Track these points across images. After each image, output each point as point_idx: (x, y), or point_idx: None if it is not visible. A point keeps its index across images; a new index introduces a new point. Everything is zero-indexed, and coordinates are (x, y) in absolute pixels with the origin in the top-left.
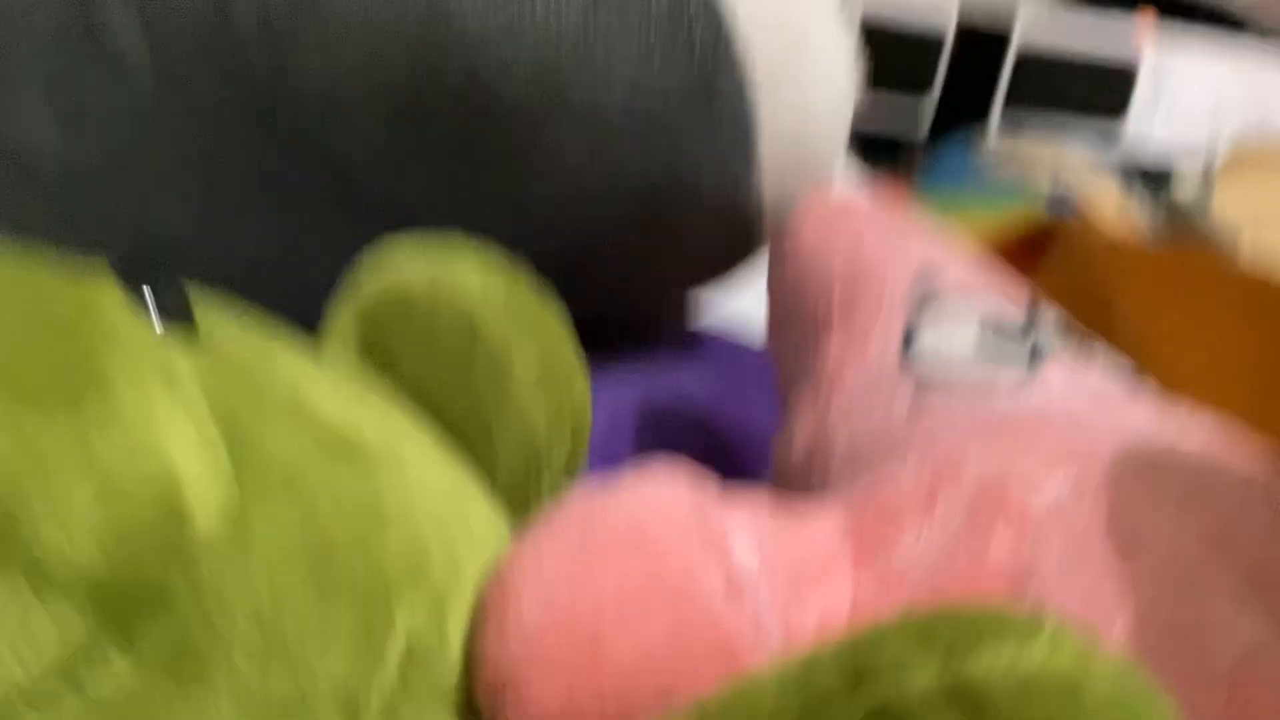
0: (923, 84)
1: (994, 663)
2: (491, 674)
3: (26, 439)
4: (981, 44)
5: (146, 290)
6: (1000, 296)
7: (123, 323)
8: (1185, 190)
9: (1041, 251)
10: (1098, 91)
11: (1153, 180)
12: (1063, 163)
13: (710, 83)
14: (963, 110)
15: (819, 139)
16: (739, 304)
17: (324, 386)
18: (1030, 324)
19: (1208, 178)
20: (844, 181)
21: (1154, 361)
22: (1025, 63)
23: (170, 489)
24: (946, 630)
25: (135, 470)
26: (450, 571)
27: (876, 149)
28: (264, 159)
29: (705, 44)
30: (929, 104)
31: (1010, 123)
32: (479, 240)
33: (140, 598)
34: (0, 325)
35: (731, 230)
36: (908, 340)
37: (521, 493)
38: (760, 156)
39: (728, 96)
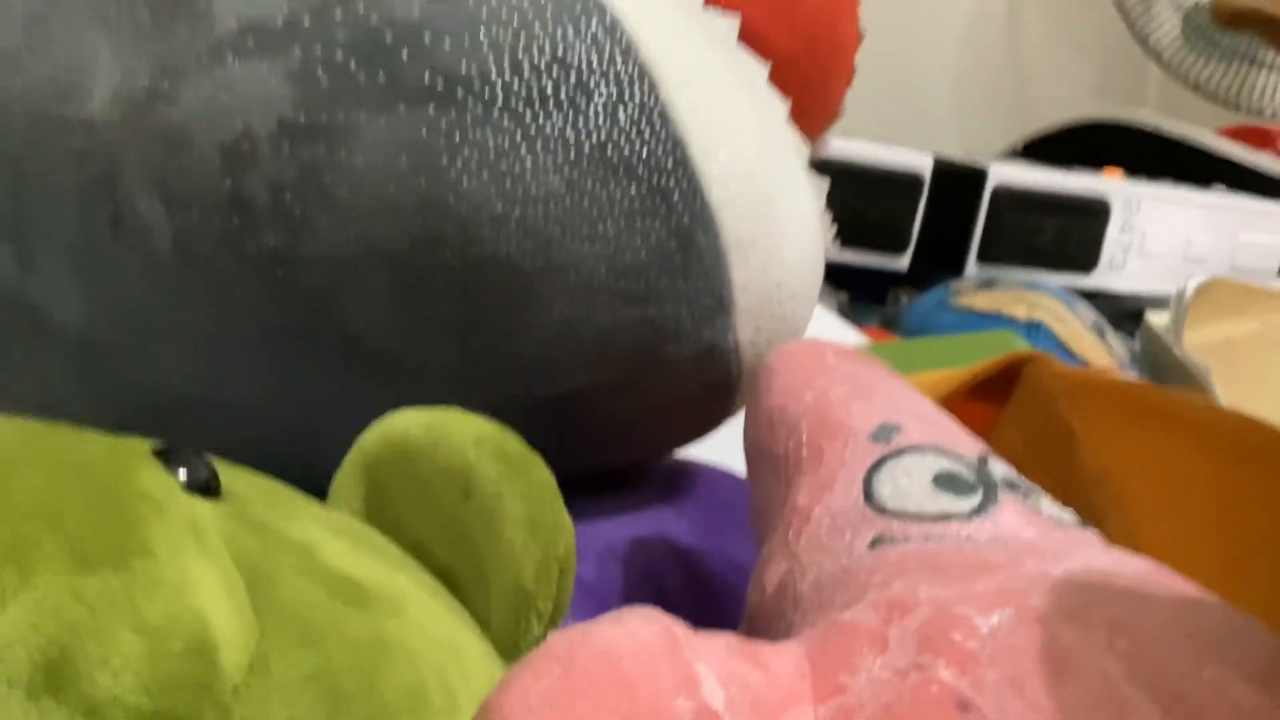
0: (904, 225)
1: None
2: None
3: (83, 597)
4: (958, 185)
5: (176, 461)
6: (953, 446)
7: (159, 490)
8: (1158, 326)
9: (1011, 385)
10: (1071, 233)
11: (1126, 320)
12: (1037, 303)
13: (687, 240)
14: (940, 263)
15: (792, 294)
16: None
17: (333, 538)
18: (980, 473)
19: (1178, 316)
20: (827, 324)
21: (1115, 492)
22: (1001, 199)
23: (203, 637)
24: None
25: (174, 623)
26: (447, 707)
27: (864, 288)
28: (272, 323)
29: (682, 203)
30: (908, 253)
31: (986, 275)
32: (473, 400)
33: None
34: (55, 494)
35: (711, 384)
36: (868, 486)
37: (512, 633)
38: (736, 312)
39: (703, 253)
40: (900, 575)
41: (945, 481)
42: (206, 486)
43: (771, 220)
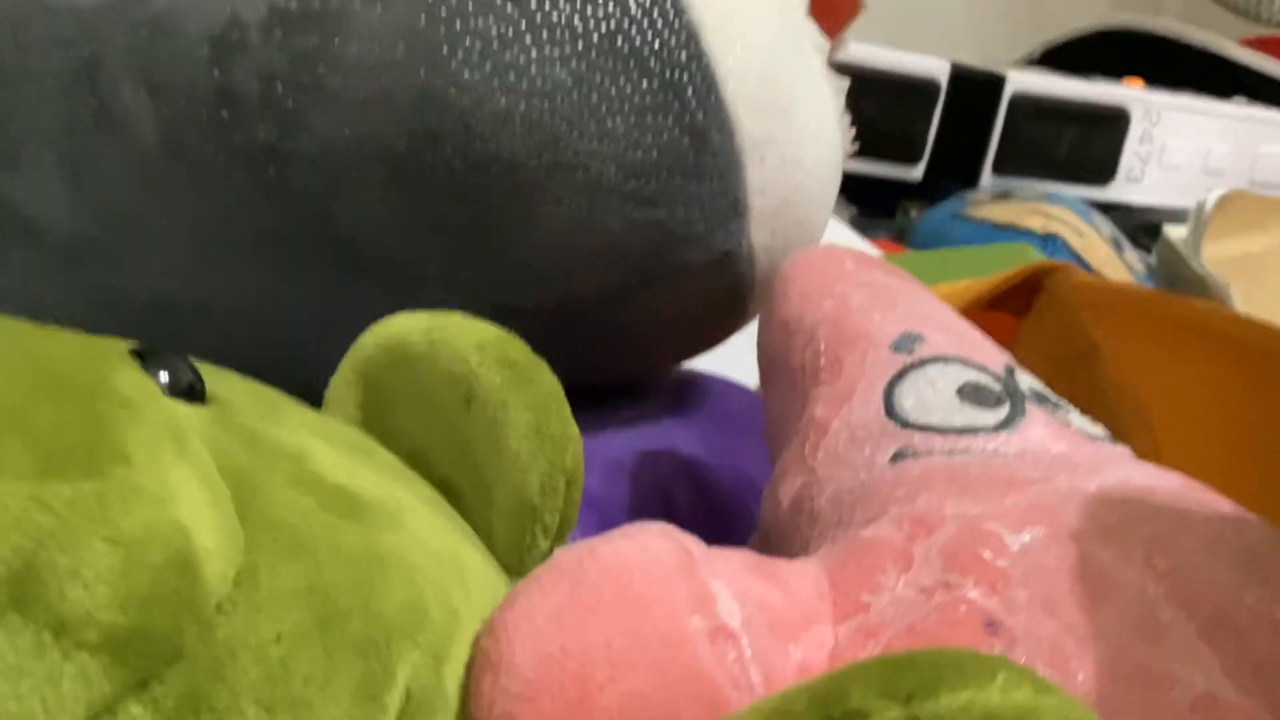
0: (918, 133)
1: (951, 704)
2: None
3: (52, 507)
4: (975, 93)
5: (156, 362)
6: (978, 357)
7: (138, 395)
8: (1176, 240)
9: (1031, 297)
10: (1090, 142)
11: (1143, 234)
12: (1053, 215)
13: (700, 137)
14: (955, 174)
15: (808, 198)
16: (733, 359)
17: (326, 447)
18: (1007, 385)
19: (1197, 230)
20: (838, 236)
21: (1139, 405)
22: (1018, 108)
23: (183, 549)
24: (909, 677)
25: (152, 533)
26: (448, 623)
27: (873, 201)
28: (264, 223)
29: (696, 99)
30: (922, 162)
31: (1001, 187)
32: (475, 307)
33: (157, 651)
34: (19, 394)
35: (724, 291)
36: (889, 398)
37: (517, 547)
38: (750, 214)
39: (718, 153)
40: (924, 490)
41: (971, 393)
42: (190, 390)
43: (790, 118)
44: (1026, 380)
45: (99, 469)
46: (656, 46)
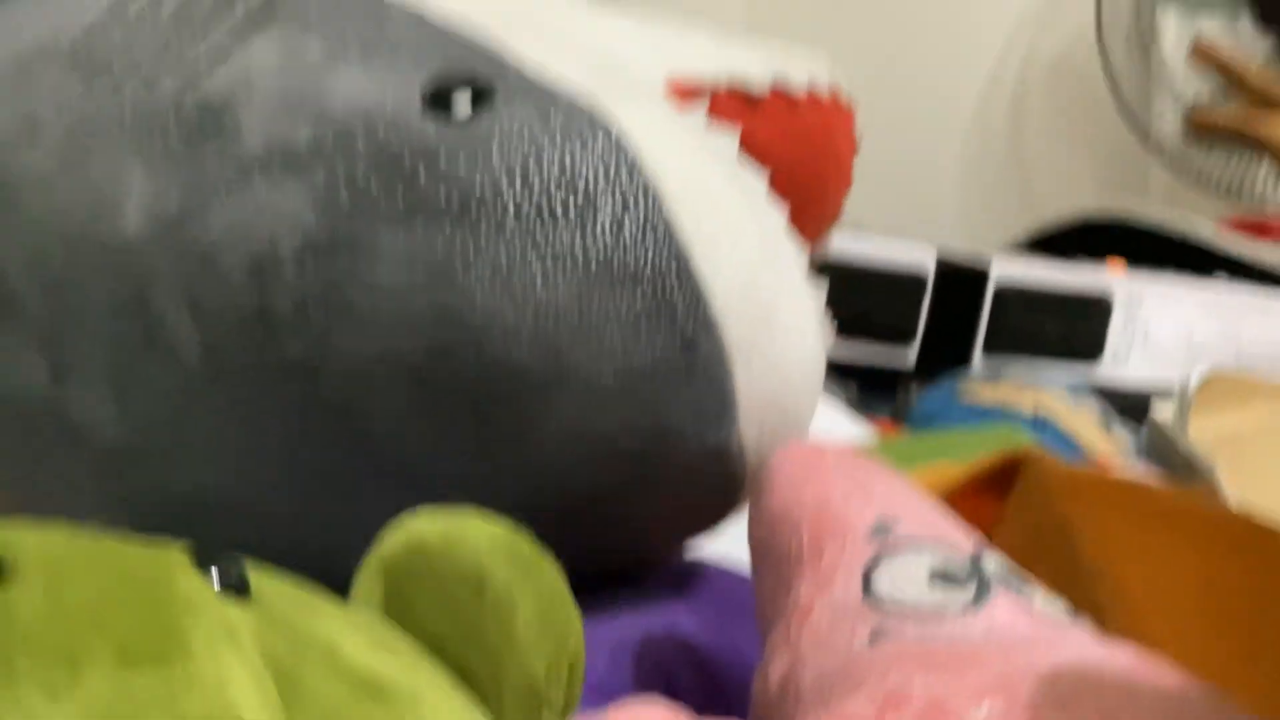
0: (909, 320)
1: None
2: None
3: (130, 694)
4: (961, 283)
5: (210, 563)
6: (949, 541)
7: (195, 593)
8: (1163, 418)
9: (1013, 479)
10: (1075, 328)
11: (1133, 412)
12: (1043, 396)
13: (691, 346)
14: (946, 356)
15: (794, 396)
16: (727, 545)
17: (355, 636)
18: (975, 567)
19: (1182, 409)
20: (834, 419)
21: (1114, 588)
22: (1004, 294)
23: None
24: None
25: (211, 717)
26: None
27: (875, 380)
28: (297, 433)
29: (686, 311)
30: (914, 348)
31: (992, 368)
32: (488, 503)
33: None
34: (102, 598)
35: (716, 484)
36: (867, 581)
37: None
38: (739, 415)
39: (707, 359)
40: (896, 668)
41: (941, 576)
42: (238, 587)
43: (772, 325)
44: (993, 563)
45: (168, 661)
46: (649, 266)
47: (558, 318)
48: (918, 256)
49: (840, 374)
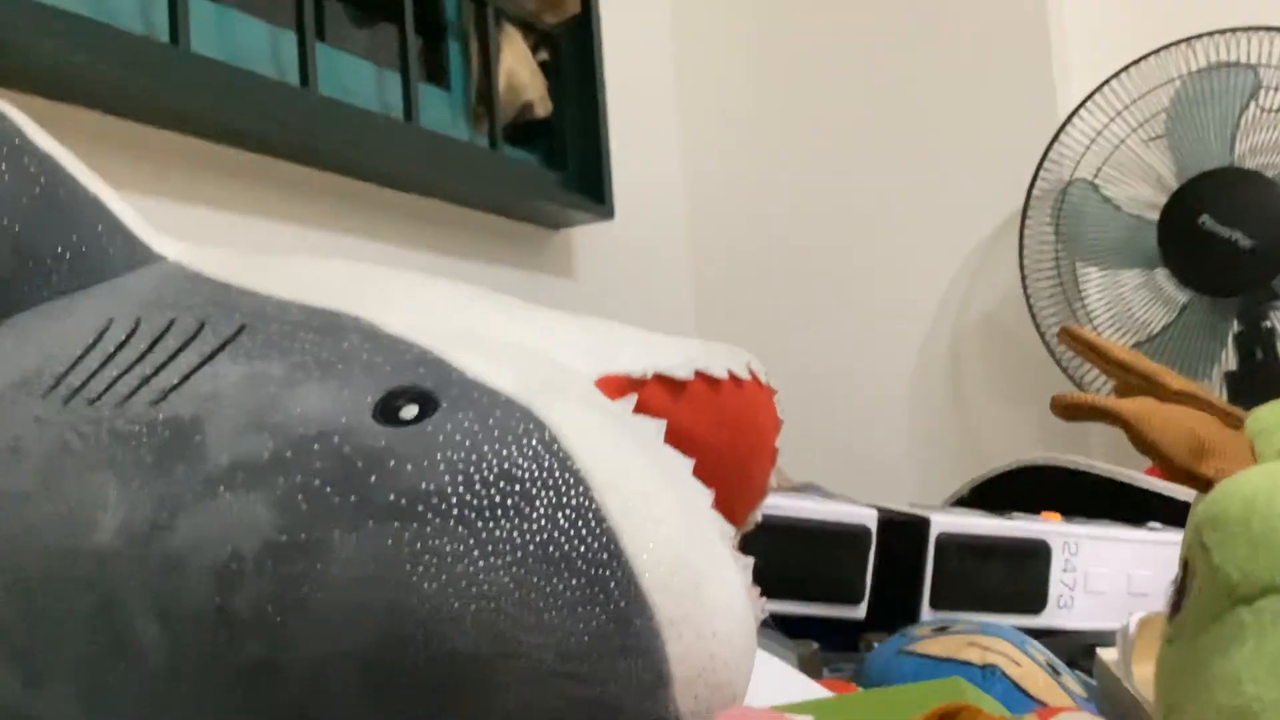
0: (856, 575)
1: None
2: None
3: None
4: (904, 536)
5: None
6: None
7: None
8: (1110, 663)
9: None
10: (1017, 575)
11: (1082, 656)
12: (990, 646)
13: (624, 622)
14: (896, 611)
15: (724, 665)
16: None
17: None
18: None
19: (1125, 652)
20: (783, 677)
21: None
22: (945, 547)
23: None
24: None
25: None
26: None
27: (835, 635)
28: None
29: (618, 590)
30: (863, 604)
31: (940, 621)
32: None
33: None
34: None
35: None
36: None
37: None
38: (674, 684)
39: (640, 633)
40: None
41: None
42: None
43: (700, 599)
44: None
45: None
46: (582, 550)
47: (499, 603)
48: (861, 512)
49: (796, 631)
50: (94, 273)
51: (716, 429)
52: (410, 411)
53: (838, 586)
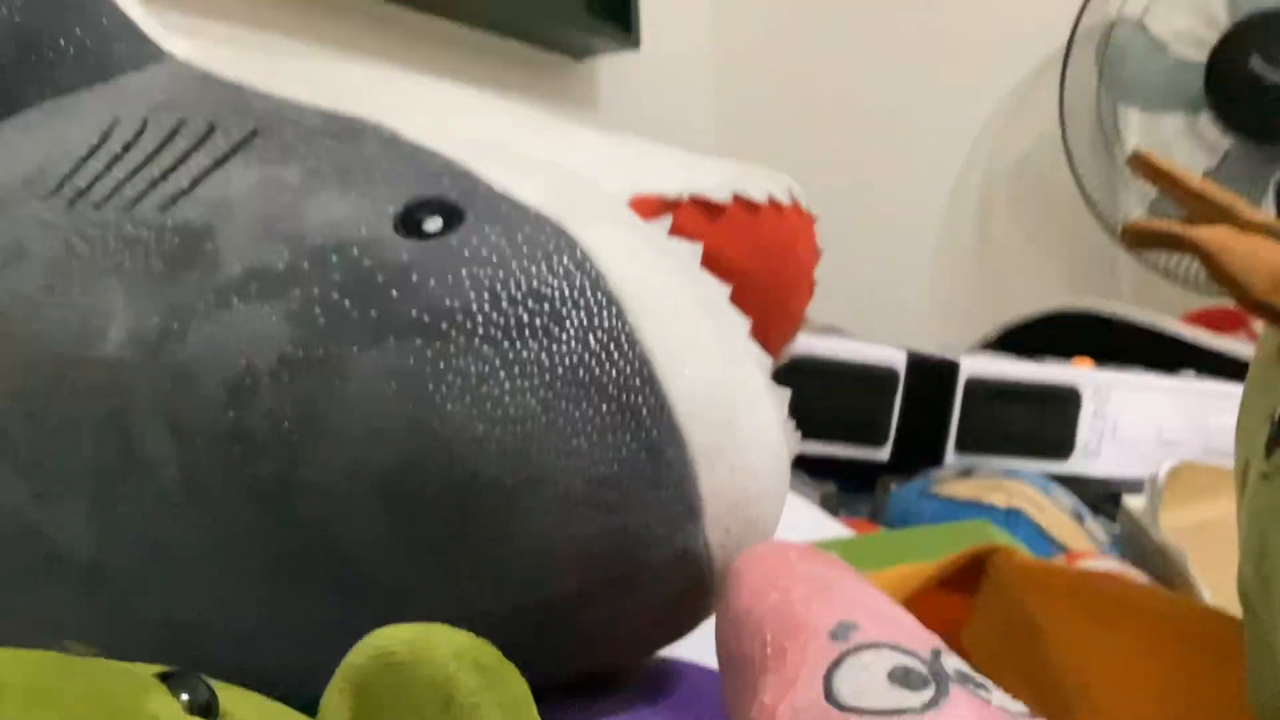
0: (882, 418)
1: None
2: None
3: None
4: (932, 379)
5: (179, 685)
6: (908, 642)
7: (166, 714)
8: (1135, 511)
9: (980, 577)
10: (1044, 422)
11: (1106, 503)
12: (1015, 491)
13: (656, 452)
14: (920, 454)
15: (757, 499)
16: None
17: None
18: (933, 667)
19: (1153, 500)
20: (806, 518)
21: (1080, 685)
22: (974, 390)
23: None
24: None
25: None
26: None
27: (854, 477)
28: (273, 552)
29: (650, 419)
30: (888, 446)
31: (965, 464)
32: (459, 612)
33: None
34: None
35: (684, 588)
36: (829, 683)
37: None
38: (705, 517)
39: (672, 464)
40: None
41: (900, 676)
42: (206, 708)
43: (735, 430)
44: (952, 662)
45: None
46: (614, 375)
47: (526, 427)
48: (889, 354)
49: (817, 472)
50: (98, 69)
51: (754, 255)
52: (434, 224)
53: (862, 428)
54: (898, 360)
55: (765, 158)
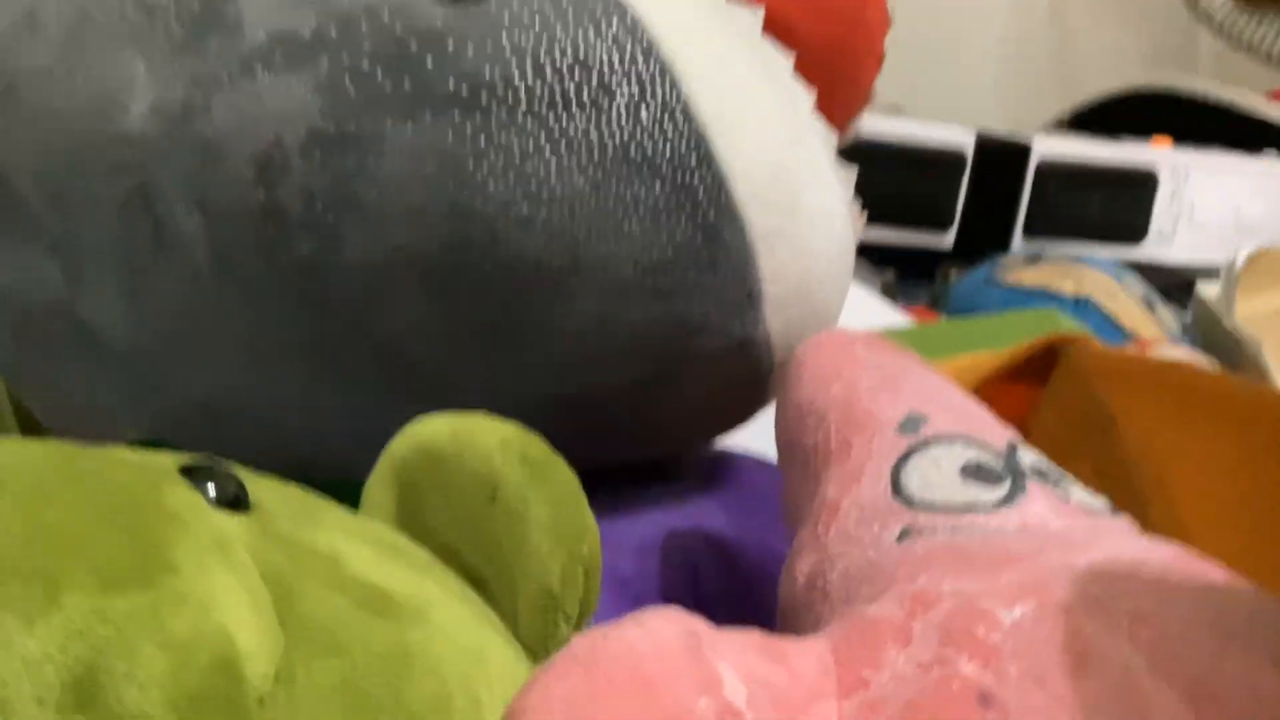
0: (947, 202)
1: None
2: None
3: (110, 618)
4: (1002, 162)
5: (204, 477)
6: (981, 435)
7: (186, 511)
8: (1209, 297)
9: (1051, 366)
10: (1118, 206)
11: (1178, 291)
12: (1085, 278)
13: (713, 234)
14: (986, 239)
15: (819, 284)
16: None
17: (360, 547)
18: (1008, 462)
19: (1229, 287)
20: (868, 306)
21: (1156, 477)
22: (1045, 173)
23: (228, 651)
24: None
25: (199, 638)
26: (471, 712)
27: (913, 265)
28: (308, 334)
29: (707, 199)
30: (952, 231)
31: (1032, 249)
32: (505, 402)
33: None
34: (82, 517)
35: (742, 378)
36: (896, 478)
37: (540, 634)
38: (765, 304)
39: (730, 248)
40: (926, 568)
41: (973, 472)
42: (234, 501)
43: (797, 211)
44: (1028, 457)
45: (151, 581)
46: (668, 153)
47: (573, 208)
48: (956, 135)
49: (877, 259)
50: None
51: (820, 22)
52: None
53: (926, 213)
54: (966, 141)
55: None
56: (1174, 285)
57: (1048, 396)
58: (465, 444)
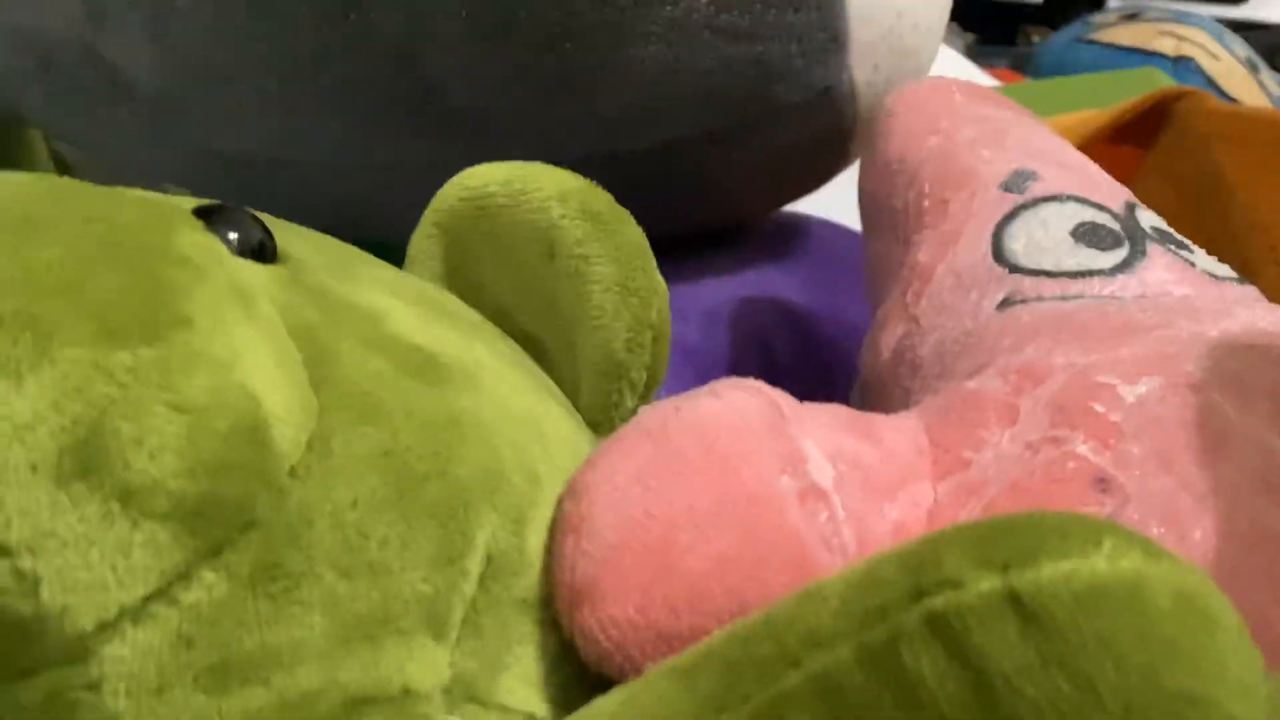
0: None
1: (1053, 574)
2: (568, 586)
3: (112, 374)
4: None
5: (222, 221)
6: (1096, 195)
7: (200, 256)
8: None
9: (1157, 128)
10: None
11: (1277, 58)
12: (1186, 37)
13: None
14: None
15: (914, 27)
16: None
17: (403, 305)
18: (1126, 224)
19: None
20: (950, 66)
21: (1271, 246)
22: None
23: (253, 414)
24: (1007, 543)
25: (218, 399)
26: (527, 486)
27: (992, 27)
28: (345, 73)
29: None
30: None
31: (1127, 7)
32: (564, 156)
33: (228, 518)
34: (85, 265)
35: (824, 130)
36: (998, 241)
37: (603, 404)
38: (851, 47)
39: None
40: (1033, 339)
41: (1087, 233)
42: (259, 249)
43: None
44: (1148, 218)
45: (159, 334)
46: None
47: None
48: None
49: (956, 20)
50: None
51: None
52: None
53: None
54: None
55: None
56: (1277, 48)
57: (1154, 159)
58: (520, 193)
